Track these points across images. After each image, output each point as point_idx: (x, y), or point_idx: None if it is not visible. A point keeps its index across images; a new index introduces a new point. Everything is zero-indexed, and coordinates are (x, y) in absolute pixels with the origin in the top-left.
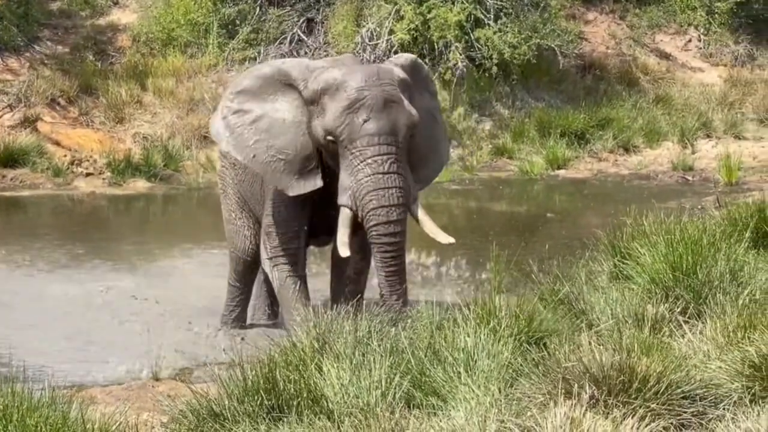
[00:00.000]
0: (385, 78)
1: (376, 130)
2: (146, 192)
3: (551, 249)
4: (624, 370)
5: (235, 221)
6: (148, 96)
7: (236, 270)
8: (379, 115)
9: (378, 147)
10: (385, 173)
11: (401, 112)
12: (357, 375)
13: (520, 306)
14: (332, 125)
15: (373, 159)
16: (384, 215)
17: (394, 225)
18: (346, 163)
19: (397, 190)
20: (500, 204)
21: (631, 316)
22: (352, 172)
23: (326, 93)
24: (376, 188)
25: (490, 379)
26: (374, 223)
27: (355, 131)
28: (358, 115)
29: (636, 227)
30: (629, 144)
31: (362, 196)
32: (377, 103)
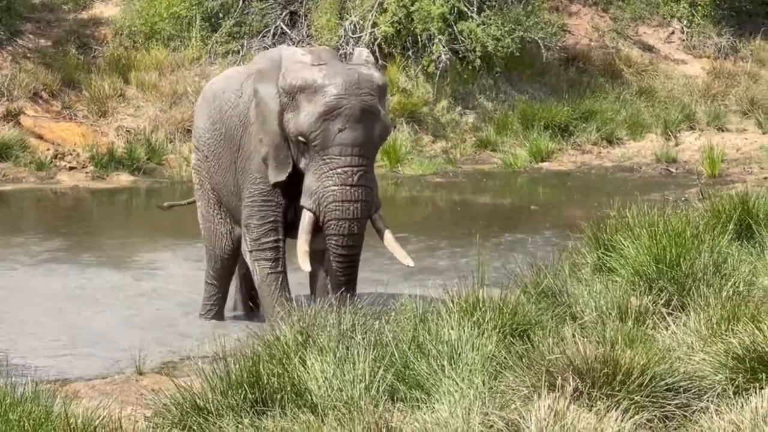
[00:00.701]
0: (364, 86)
1: (351, 141)
2: (129, 185)
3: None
4: (608, 363)
5: (212, 218)
6: (131, 89)
7: (214, 268)
8: (355, 126)
9: (350, 158)
10: (353, 186)
11: (377, 124)
12: (341, 368)
13: (503, 299)
14: (306, 128)
15: (343, 170)
16: (345, 228)
17: (353, 238)
18: (315, 167)
19: (362, 204)
20: (484, 196)
21: (614, 309)
22: (320, 178)
23: (303, 92)
24: (343, 200)
25: (474, 372)
26: (335, 233)
27: (328, 139)
28: (334, 124)
29: (620, 219)
30: (613, 136)
31: (327, 203)
32: (354, 113)
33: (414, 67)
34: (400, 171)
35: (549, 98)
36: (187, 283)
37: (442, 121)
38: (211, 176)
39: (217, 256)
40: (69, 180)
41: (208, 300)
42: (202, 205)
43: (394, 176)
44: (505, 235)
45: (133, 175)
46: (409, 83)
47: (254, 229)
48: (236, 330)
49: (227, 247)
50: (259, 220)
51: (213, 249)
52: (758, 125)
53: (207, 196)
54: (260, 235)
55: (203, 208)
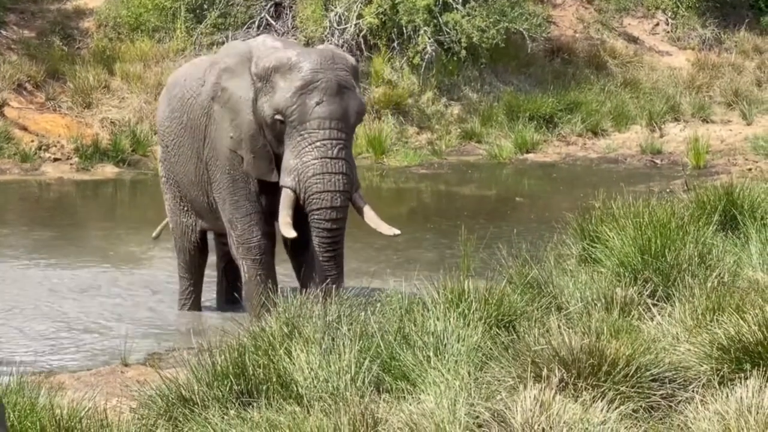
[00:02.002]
0: (339, 62)
1: (328, 113)
2: (114, 177)
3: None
4: (593, 353)
5: (178, 211)
6: (116, 81)
7: (183, 261)
8: (332, 99)
9: (328, 131)
10: (333, 158)
11: (353, 99)
12: (326, 359)
13: (489, 290)
14: (283, 104)
15: (322, 143)
16: (328, 200)
17: (336, 211)
18: (293, 144)
19: (343, 176)
20: (469, 188)
21: (600, 299)
22: (299, 154)
23: (278, 71)
24: (323, 172)
25: (460, 363)
26: (317, 207)
27: (306, 113)
28: (311, 97)
29: (605, 210)
30: (598, 128)
31: (307, 178)
32: (331, 86)
33: (399, 58)
34: (385, 162)
35: (534, 90)
36: (172, 275)
37: (428, 113)
38: (172, 167)
39: (186, 249)
40: (54, 172)
41: (182, 293)
42: (169, 198)
43: (379, 168)
44: (491, 226)
45: (118, 166)
46: (395, 75)
47: (238, 224)
48: (221, 322)
49: (193, 240)
50: (241, 215)
51: (181, 242)
52: (742, 116)
53: (172, 189)
54: (244, 231)
55: (170, 201)
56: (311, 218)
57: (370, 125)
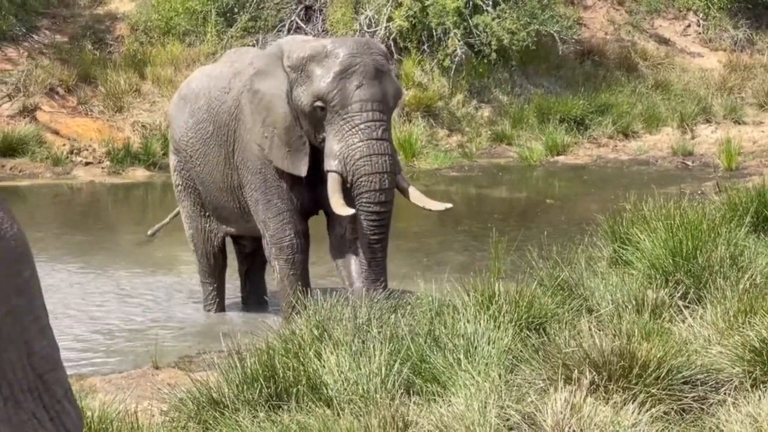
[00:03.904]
0: (374, 48)
1: (369, 96)
2: (145, 180)
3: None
4: (624, 356)
5: (199, 217)
6: (147, 85)
7: (206, 265)
8: (372, 83)
9: (371, 113)
10: (378, 139)
11: (390, 83)
12: (356, 362)
13: (519, 292)
14: (324, 90)
15: (366, 125)
16: (377, 182)
17: (385, 193)
18: (336, 129)
19: (389, 157)
20: (499, 190)
21: (631, 302)
22: (343, 137)
23: (313, 60)
24: (370, 154)
25: (490, 365)
26: (366, 189)
27: (347, 96)
28: (351, 81)
29: (636, 212)
30: (628, 129)
31: (354, 161)
32: (369, 70)
33: (429, 61)
34: (416, 165)
35: (564, 92)
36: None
37: (458, 115)
38: (197, 175)
39: (208, 253)
40: (85, 175)
41: (207, 298)
42: (188, 206)
43: (410, 170)
44: (521, 228)
45: (149, 170)
46: (425, 77)
47: (270, 224)
48: (250, 325)
49: (216, 244)
50: (273, 214)
51: (204, 247)
52: None
53: (191, 196)
54: (276, 231)
55: (189, 209)
56: (359, 201)
57: (400, 128)
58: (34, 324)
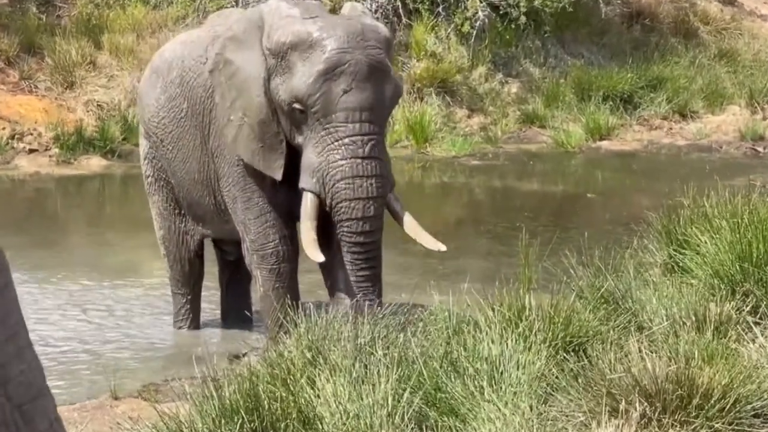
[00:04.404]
0: (370, 38)
1: (358, 104)
2: (102, 171)
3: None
4: (682, 383)
5: (172, 216)
6: (104, 56)
7: (180, 273)
8: (363, 86)
9: (359, 125)
10: (365, 158)
11: (388, 83)
12: (358, 391)
13: (555, 306)
14: (303, 92)
15: (351, 139)
16: (360, 210)
17: (370, 222)
18: (316, 140)
19: (377, 179)
20: (530, 182)
21: (690, 317)
22: (323, 152)
23: (296, 49)
24: (353, 176)
25: (520, 394)
26: (347, 217)
27: (331, 103)
28: (337, 84)
29: (695, 209)
30: (686, 109)
31: (334, 182)
32: (361, 70)
33: (445, 26)
34: (429, 152)
35: (609, 63)
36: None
37: (480, 92)
38: (168, 164)
39: (182, 259)
40: (29, 165)
41: (178, 312)
42: (159, 201)
43: (422, 158)
44: (557, 229)
45: (105, 158)
46: (440, 46)
47: (251, 227)
48: (229, 345)
49: (192, 248)
50: (254, 215)
51: (175, 251)
52: None
53: (163, 190)
54: (258, 236)
55: (161, 205)
56: (340, 229)
57: (410, 107)
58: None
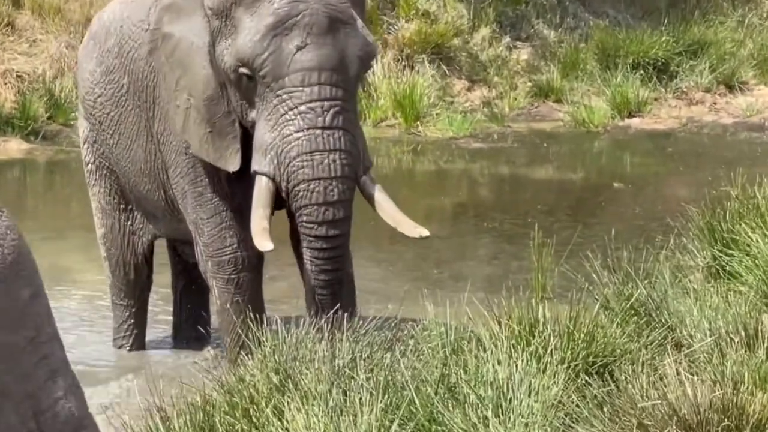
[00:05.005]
0: None
1: (316, 63)
2: (23, 156)
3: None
4: (729, 412)
5: (115, 212)
6: (24, 16)
7: (123, 281)
8: (320, 41)
9: (317, 89)
10: (326, 128)
11: (352, 37)
12: (335, 423)
13: (574, 319)
14: (249, 52)
15: (309, 106)
16: (320, 193)
17: (334, 208)
18: (268, 111)
19: (342, 155)
20: (545, 169)
21: (738, 332)
22: (276, 125)
23: (241, 3)
24: (312, 150)
25: (532, 426)
26: (305, 203)
27: (283, 64)
28: (289, 40)
29: (744, 201)
30: (734, 79)
31: (290, 160)
32: (318, 21)
33: None
34: (421, 132)
35: (639, 24)
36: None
37: (482, 60)
38: (108, 151)
39: (127, 263)
40: None
41: (119, 327)
42: (100, 193)
43: (413, 140)
44: (577, 225)
45: (27, 141)
46: (434, 4)
47: (204, 228)
48: (180, 368)
49: (140, 251)
50: (207, 214)
51: (119, 254)
52: None
53: (108, 181)
54: (213, 238)
55: (102, 198)
56: (299, 219)
57: (398, 78)
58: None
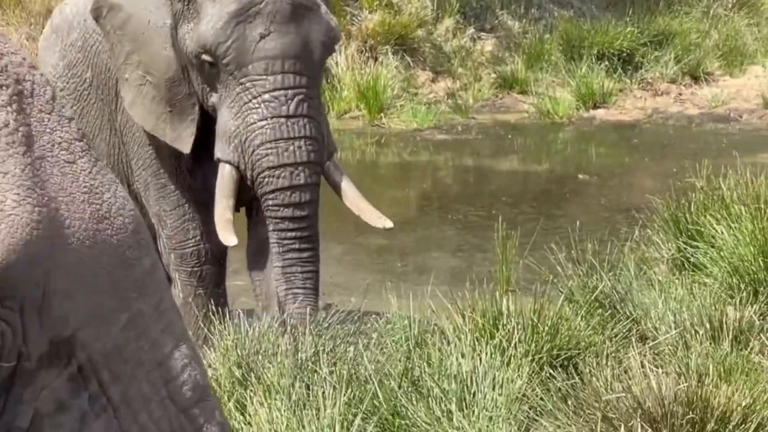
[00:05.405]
0: None
1: (280, 51)
2: None
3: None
4: (694, 404)
5: None
6: None
7: None
8: (285, 29)
9: (281, 77)
10: (291, 116)
11: (316, 23)
12: (298, 417)
13: (538, 311)
14: (211, 39)
15: (272, 95)
16: (286, 178)
17: (300, 192)
18: (232, 99)
19: (308, 141)
20: (509, 161)
21: (703, 324)
22: (240, 113)
23: None
24: (276, 138)
25: (497, 420)
26: (271, 188)
27: (246, 51)
28: (253, 27)
29: (710, 193)
30: (699, 70)
31: (254, 148)
32: (282, 9)
33: None
34: (385, 124)
35: (604, 15)
36: None
37: (446, 50)
38: None
39: None
40: None
41: None
42: None
43: (376, 132)
44: (541, 217)
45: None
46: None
47: (167, 220)
48: None
49: None
50: (170, 206)
51: None
52: None
53: None
54: (175, 231)
55: None
56: (265, 206)
57: (361, 69)
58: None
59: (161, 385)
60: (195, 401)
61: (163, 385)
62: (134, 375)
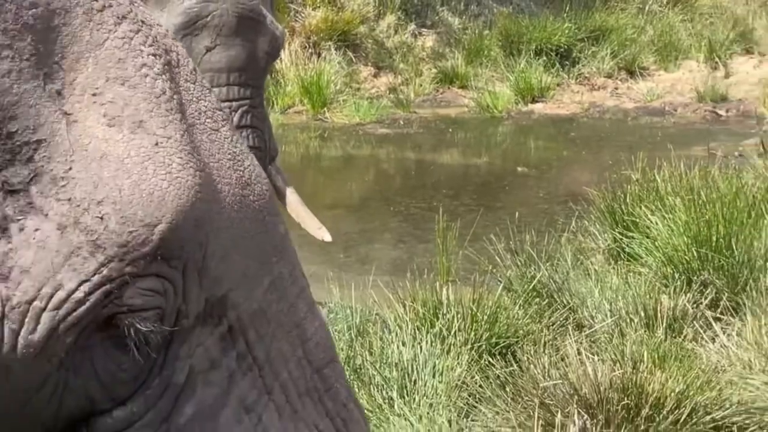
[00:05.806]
0: None
1: (225, 64)
2: None
3: (523, 218)
4: (629, 390)
5: None
6: None
7: None
8: (230, 42)
9: (226, 89)
10: (237, 128)
11: (262, 35)
12: None
13: (478, 301)
14: None
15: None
16: None
17: None
18: None
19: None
20: (450, 154)
21: (638, 313)
22: None
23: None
24: None
25: (437, 407)
26: None
27: None
28: (199, 40)
29: (645, 185)
30: (635, 65)
31: None
32: (228, 23)
33: None
34: (328, 118)
35: (542, 11)
36: None
37: (388, 46)
38: None
39: None
40: None
41: None
42: None
43: (320, 126)
44: (480, 209)
45: None
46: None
47: None
48: None
49: None
50: None
51: None
52: None
53: None
54: None
55: None
56: None
57: (305, 65)
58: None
59: (298, 344)
60: (327, 362)
61: (300, 345)
62: (275, 335)
